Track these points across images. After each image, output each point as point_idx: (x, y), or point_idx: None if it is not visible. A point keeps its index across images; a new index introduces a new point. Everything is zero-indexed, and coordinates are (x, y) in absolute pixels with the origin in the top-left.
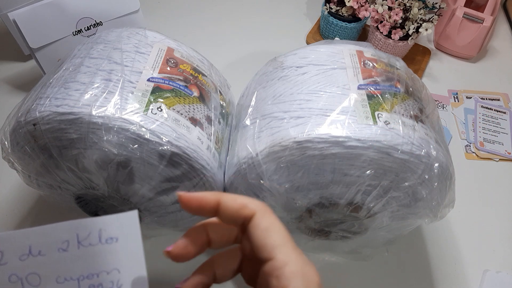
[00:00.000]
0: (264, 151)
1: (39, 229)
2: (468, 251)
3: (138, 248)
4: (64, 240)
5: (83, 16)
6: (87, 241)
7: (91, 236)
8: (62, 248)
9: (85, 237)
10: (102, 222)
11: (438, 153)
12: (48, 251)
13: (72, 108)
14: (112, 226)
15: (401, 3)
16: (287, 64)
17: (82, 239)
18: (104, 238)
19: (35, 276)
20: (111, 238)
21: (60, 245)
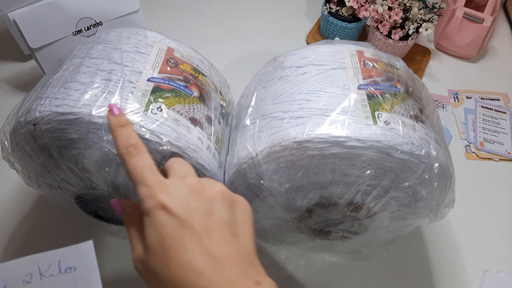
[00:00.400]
0: (264, 151)
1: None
2: (468, 251)
3: (95, 276)
4: (27, 273)
5: (83, 16)
6: (48, 272)
7: (51, 267)
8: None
9: (46, 268)
10: (60, 254)
11: (438, 153)
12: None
13: (72, 108)
14: (70, 256)
15: (401, 3)
16: (287, 64)
17: (44, 271)
18: (64, 268)
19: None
20: (69, 268)
21: (24, 278)
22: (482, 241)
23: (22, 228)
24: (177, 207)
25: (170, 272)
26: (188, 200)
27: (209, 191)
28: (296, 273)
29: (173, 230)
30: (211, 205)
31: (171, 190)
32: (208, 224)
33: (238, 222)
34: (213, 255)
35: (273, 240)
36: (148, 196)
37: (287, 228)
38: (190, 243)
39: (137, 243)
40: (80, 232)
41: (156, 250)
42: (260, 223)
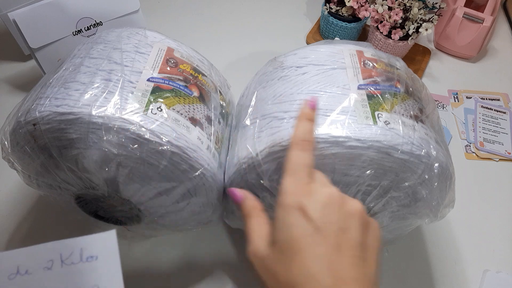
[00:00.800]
0: (264, 151)
1: (26, 250)
2: (468, 251)
3: (116, 266)
4: (49, 259)
5: (83, 16)
6: (70, 260)
7: (73, 255)
8: (47, 267)
9: (67, 256)
10: (83, 242)
11: (438, 153)
12: (34, 270)
13: (72, 108)
14: (92, 245)
15: (401, 3)
16: (287, 64)
17: (65, 258)
18: (85, 257)
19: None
20: (91, 257)
21: (45, 264)
22: (482, 241)
23: (22, 228)
24: (315, 213)
25: (291, 276)
26: (327, 210)
27: (348, 206)
28: None
29: (305, 234)
30: (347, 222)
31: (314, 194)
32: (340, 240)
33: (368, 246)
34: (338, 274)
35: None
36: (291, 192)
37: None
38: (319, 255)
39: (257, 237)
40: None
41: (282, 249)
42: None
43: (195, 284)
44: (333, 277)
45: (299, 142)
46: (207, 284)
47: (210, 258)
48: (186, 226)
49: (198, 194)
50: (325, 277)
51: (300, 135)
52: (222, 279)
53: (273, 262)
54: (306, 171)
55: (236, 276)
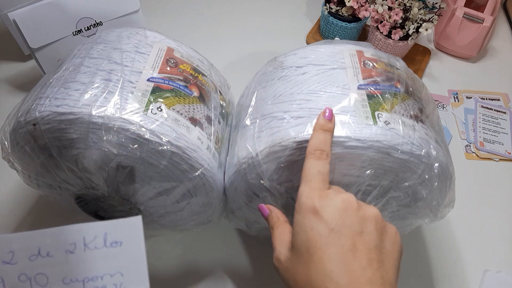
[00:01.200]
0: (264, 151)
1: (49, 231)
2: (468, 251)
3: (141, 253)
4: (71, 242)
5: (83, 16)
6: (93, 244)
7: (97, 239)
8: (69, 250)
9: (91, 240)
10: (107, 226)
11: (438, 153)
12: (56, 252)
13: (72, 108)
14: (117, 230)
15: (401, 3)
16: (287, 64)
17: (88, 242)
18: (109, 242)
19: (43, 277)
20: (115, 242)
21: (68, 247)
22: (482, 241)
23: (22, 228)
24: (328, 216)
25: (310, 276)
26: (342, 213)
27: (363, 211)
28: None
29: (320, 236)
30: (362, 225)
31: (328, 198)
32: (355, 241)
33: (386, 250)
34: (354, 274)
35: None
36: (306, 197)
37: None
38: (335, 254)
39: (280, 244)
40: None
41: (301, 251)
42: (260, 223)
43: (195, 284)
44: (348, 276)
45: (314, 152)
46: (207, 284)
47: (210, 258)
48: (186, 226)
49: (198, 194)
50: (341, 276)
51: (315, 145)
52: (222, 279)
53: (293, 264)
54: (321, 179)
55: (236, 276)
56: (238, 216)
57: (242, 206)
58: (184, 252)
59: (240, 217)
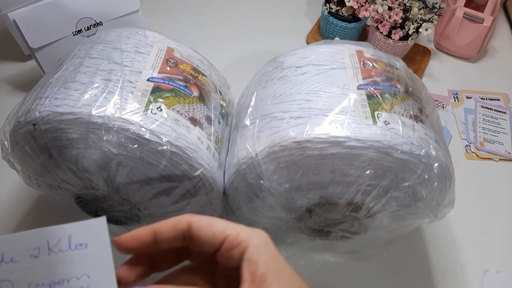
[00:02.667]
0: (263, 151)
1: (11, 237)
2: (468, 251)
3: (107, 254)
4: (35, 247)
5: (83, 16)
6: (58, 247)
7: (61, 242)
8: (33, 255)
9: (55, 243)
10: (71, 229)
11: (437, 153)
12: (20, 258)
13: (72, 108)
14: (81, 232)
15: (401, 3)
16: (287, 64)
17: (53, 246)
18: (74, 245)
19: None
20: (80, 245)
21: (32, 252)
22: (482, 241)
23: (22, 228)
24: None
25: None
26: None
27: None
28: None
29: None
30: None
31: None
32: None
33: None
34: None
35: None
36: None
37: (287, 228)
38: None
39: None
40: None
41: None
42: (259, 223)
43: None
44: None
45: None
46: None
47: None
48: None
49: (198, 194)
50: None
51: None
52: None
53: None
54: None
55: None
56: (238, 216)
57: (242, 206)
58: None
59: (240, 217)
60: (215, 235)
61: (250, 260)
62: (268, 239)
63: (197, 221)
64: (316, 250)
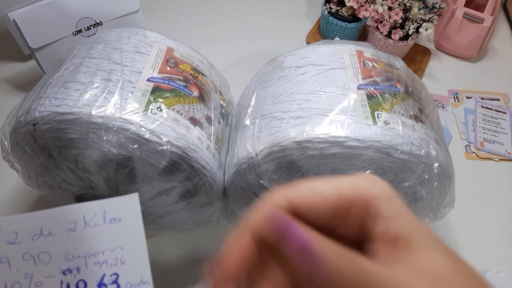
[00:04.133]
0: (263, 151)
1: (50, 211)
2: (468, 251)
3: (139, 228)
4: (72, 221)
5: (83, 16)
6: (93, 221)
7: (96, 217)
8: (70, 228)
9: (91, 218)
10: (106, 204)
11: (437, 153)
12: (57, 231)
13: (72, 108)
14: (115, 207)
15: (401, 3)
16: (287, 64)
17: (88, 220)
18: (108, 219)
19: (46, 255)
20: (114, 219)
21: (69, 226)
22: (482, 241)
23: None
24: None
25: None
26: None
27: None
28: None
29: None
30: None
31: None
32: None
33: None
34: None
35: None
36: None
37: None
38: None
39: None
40: None
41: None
42: None
43: (195, 283)
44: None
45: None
46: None
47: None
48: (186, 226)
49: (198, 194)
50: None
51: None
52: None
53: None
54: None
55: None
56: (238, 216)
57: (242, 206)
58: (184, 252)
59: (240, 217)
60: (327, 200)
61: (382, 216)
62: (390, 188)
63: (296, 193)
64: None
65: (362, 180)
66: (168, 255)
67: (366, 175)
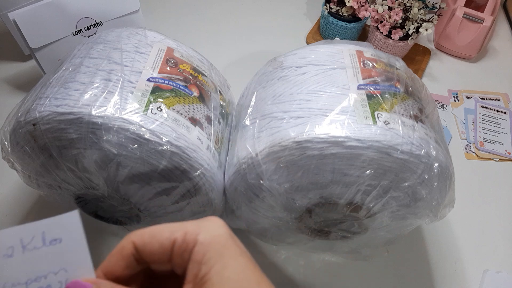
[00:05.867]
0: (263, 151)
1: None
2: (468, 251)
3: (82, 246)
4: (8, 246)
5: (83, 16)
6: (32, 245)
7: (35, 240)
8: (7, 254)
9: (29, 241)
10: (44, 225)
11: (437, 153)
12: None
13: (72, 108)
14: (55, 228)
15: (401, 3)
16: (287, 64)
17: (27, 243)
18: (48, 240)
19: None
20: (55, 240)
21: (5, 252)
22: (482, 241)
23: None
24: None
25: None
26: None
27: None
28: (296, 273)
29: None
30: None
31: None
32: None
33: None
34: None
35: (273, 240)
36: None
37: (287, 228)
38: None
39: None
40: None
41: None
42: (259, 223)
43: None
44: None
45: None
46: None
47: None
48: None
49: (198, 194)
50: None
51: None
52: None
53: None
54: None
55: None
56: (238, 216)
57: (242, 206)
58: None
59: (240, 217)
60: (162, 245)
61: (194, 260)
62: (221, 230)
63: (140, 237)
64: (316, 250)
65: (195, 227)
66: None
67: (211, 221)
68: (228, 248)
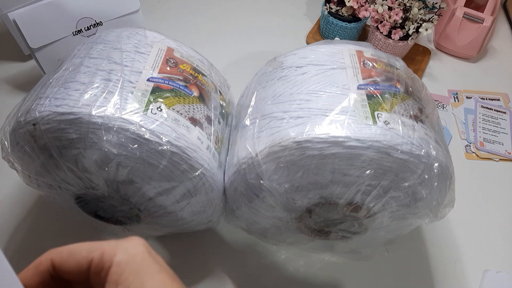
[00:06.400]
0: (263, 151)
1: None
2: (468, 251)
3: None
4: None
5: (83, 16)
6: None
7: None
8: None
9: None
10: None
11: (438, 153)
12: None
13: (72, 108)
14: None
15: (401, 3)
16: (287, 64)
17: None
18: None
19: None
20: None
21: None
22: (482, 241)
23: (22, 228)
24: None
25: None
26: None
27: None
28: (296, 273)
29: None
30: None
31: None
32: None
33: None
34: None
35: (273, 240)
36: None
37: (287, 228)
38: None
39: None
40: (79, 232)
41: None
42: (259, 223)
43: (194, 283)
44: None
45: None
46: (207, 284)
47: (210, 257)
48: (186, 226)
49: (198, 194)
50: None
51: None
52: (222, 278)
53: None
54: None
55: (236, 276)
56: (238, 216)
57: (242, 206)
58: (184, 252)
59: (240, 217)
60: (79, 264)
61: (110, 281)
62: (138, 249)
63: (58, 255)
64: (316, 250)
65: (112, 247)
66: (168, 255)
67: (130, 240)
68: (145, 266)
